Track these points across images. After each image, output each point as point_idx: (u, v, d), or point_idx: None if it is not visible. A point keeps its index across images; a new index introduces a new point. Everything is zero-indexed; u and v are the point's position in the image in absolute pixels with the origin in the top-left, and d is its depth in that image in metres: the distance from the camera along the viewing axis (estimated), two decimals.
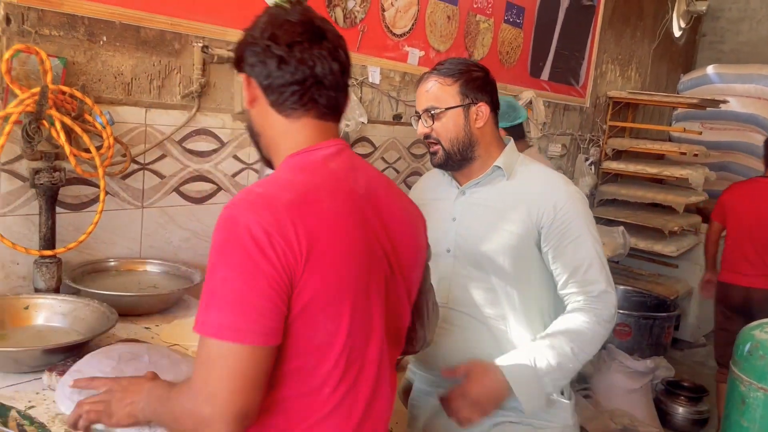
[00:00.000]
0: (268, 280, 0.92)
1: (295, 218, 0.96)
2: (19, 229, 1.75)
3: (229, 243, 0.93)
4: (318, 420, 1.03)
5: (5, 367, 1.36)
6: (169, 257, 2.11)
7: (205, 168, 2.22)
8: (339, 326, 1.01)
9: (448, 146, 1.57)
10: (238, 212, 0.95)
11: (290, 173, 1.05)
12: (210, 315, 0.92)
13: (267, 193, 0.98)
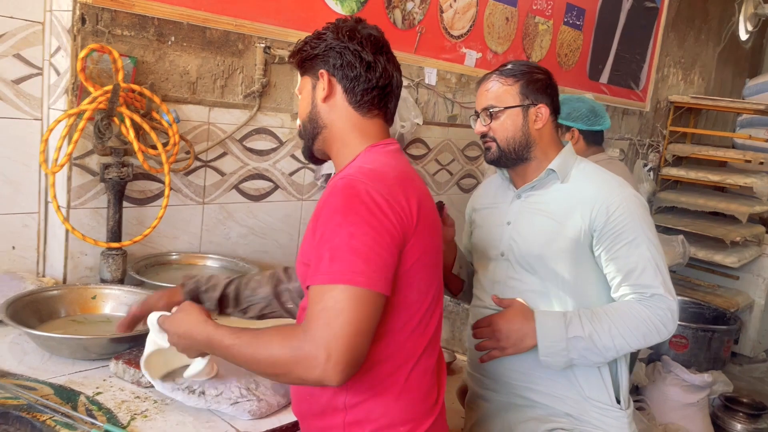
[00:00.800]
0: (392, 237, 1.05)
1: (402, 189, 1.11)
2: (88, 222, 1.82)
3: (353, 204, 1.05)
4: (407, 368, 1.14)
5: (74, 353, 1.42)
6: (227, 252, 2.16)
7: (263, 166, 2.27)
8: (431, 285, 1.16)
9: (504, 145, 1.58)
10: (357, 180, 1.08)
11: (381, 156, 1.18)
12: (340, 265, 1.01)
13: (375, 168, 1.13)
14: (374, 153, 1.19)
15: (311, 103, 1.24)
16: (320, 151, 1.27)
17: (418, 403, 1.16)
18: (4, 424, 1.21)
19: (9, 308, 1.43)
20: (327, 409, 1.14)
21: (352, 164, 1.17)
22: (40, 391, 1.28)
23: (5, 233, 1.79)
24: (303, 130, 1.28)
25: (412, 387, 1.15)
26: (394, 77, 1.23)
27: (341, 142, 1.22)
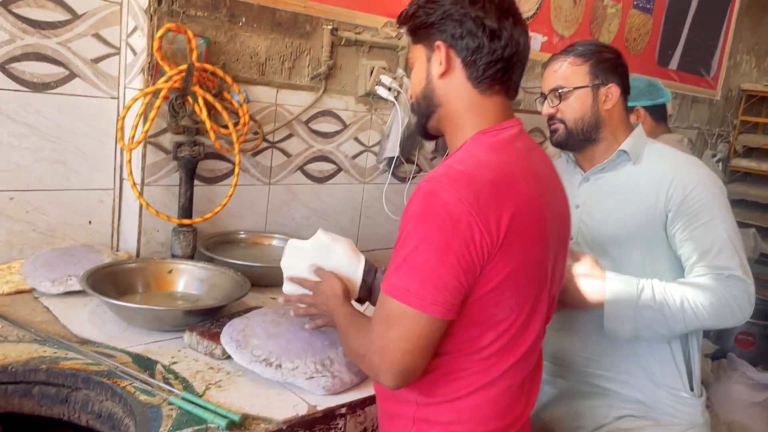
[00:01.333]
0: (458, 259, 0.95)
1: (495, 199, 0.98)
2: (161, 199, 1.87)
3: (427, 216, 0.97)
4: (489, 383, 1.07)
5: (150, 324, 1.46)
6: (291, 233, 2.18)
7: (327, 149, 2.28)
8: (515, 307, 1.04)
9: (572, 126, 1.54)
10: (440, 188, 0.97)
11: (485, 152, 1.04)
12: (398, 278, 0.98)
13: (468, 171, 0.99)
14: (479, 145, 1.06)
15: (425, 78, 1.11)
16: (434, 128, 1.16)
17: (498, 416, 1.08)
18: (85, 389, 1.26)
19: (89, 279, 1.48)
20: (401, 398, 1.11)
21: (449, 160, 1.05)
22: (119, 358, 1.32)
23: (82, 208, 1.86)
24: (416, 107, 1.16)
25: (491, 402, 1.07)
26: (521, 44, 1.07)
27: (455, 124, 1.11)
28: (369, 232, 2.48)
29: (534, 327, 1.09)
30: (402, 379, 0.99)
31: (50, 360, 1.27)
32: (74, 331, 1.42)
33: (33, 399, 1.27)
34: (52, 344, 1.33)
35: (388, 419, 1.16)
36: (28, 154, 1.73)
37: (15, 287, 1.58)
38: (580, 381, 1.59)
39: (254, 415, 1.18)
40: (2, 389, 1.25)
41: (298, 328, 1.36)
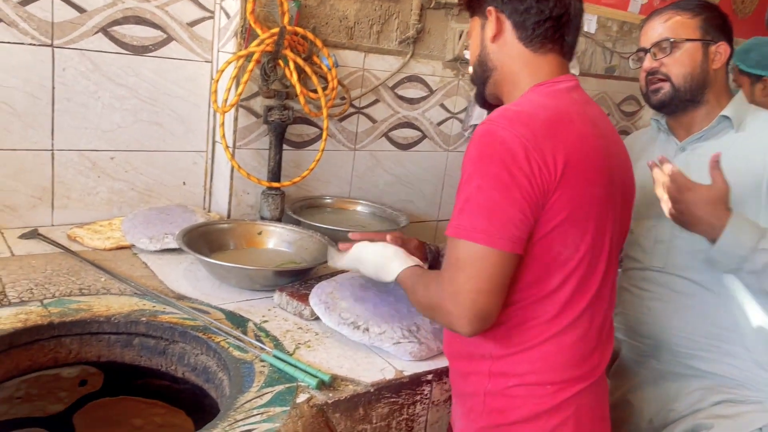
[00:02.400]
0: (521, 192, 0.96)
1: (551, 136, 0.99)
2: (251, 162, 1.90)
3: (486, 154, 0.98)
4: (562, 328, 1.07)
5: (242, 283, 1.50)
6: (374, 199, 2.19)
7: (412, 115, 2.25)
8: (579, 245, 1.04)
9: (679, 82, 1.44)
10: (495, 127, 0.99)
11: (540, 97, 1.07)
12: (463, 219, 0.99)
13: (523, 110, 1.02)
14: (535, 93, 1.09)
15: (480, 44, 1.17)
16: (492, 95, 1.19)
17: (571, 366, 1.08)
18: (182, 342, 1.31)
19: (185, 237, 1.53)
20: (474, 355, 1.12)
21: (503, 106, 1.08)
22: (213, 314, 1.36)
23: (177, 169, 1.92)
24: (474, 75, 1.21)
25: (564, 350, 1.07)
26: (571, 5, 1.11)
27: (511, 84, 1.14)
28: (452, 200, 2.42)
29: (599, 268, 1.09)
30: (478, 322, 0.98)
31: (149, 313, 1.32)
32: (171, 287, 1.47)
33: (133, 349, 1.33)
34: (151, 298, 1.39)
35: (462, 378, 1.16)
36: (128, 115, 1.79)
37: (116, 243, 1.65)
38: (675, 362, 1.52)
39: (342, 376, 1.20)
40: (105, 339, 1.31)
41: (385, 294, 1.36)
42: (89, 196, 1.79)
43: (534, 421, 1.07)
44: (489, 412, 1.10)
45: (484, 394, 1.10)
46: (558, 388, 1.07)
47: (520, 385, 1.07)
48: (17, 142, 1.65)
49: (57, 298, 1.33)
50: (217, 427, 0.99)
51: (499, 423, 1.09)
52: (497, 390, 1.09)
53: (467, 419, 1.14)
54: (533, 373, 1.07)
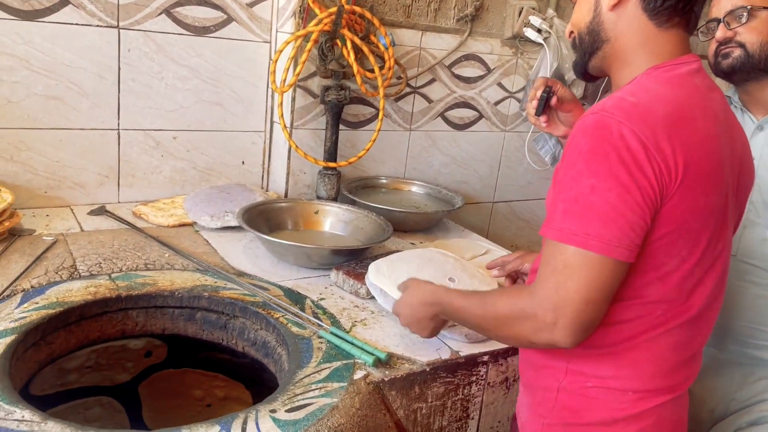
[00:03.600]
0: (642, 196, 0.87)
1: (672, 134, 0.89)
2: (307, 142, 1.92)
3: (601, 150, 0.88)
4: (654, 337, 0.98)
5: (299, 261, 1.53)
6: (428, 180, 2.18)
7: (469, 94, 2.22)
8: (693, 252, 0.95)
9: (755, 50, 1.37)
10: (611, 120, 0.88)
11: (658, 86, 0.95)
12: (572, 222, 0.89)
13: (642, 103, 0.91)
14: (652, 79, 0.96)
15: (593, 10, 1.02)
16: (597, 68, 1.06)
17: (661, 375, 0.99)
18: (242, 317, 1.34)
19: (244, 215, 1.57)
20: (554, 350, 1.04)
21: (619, 92, 0.95)
22: (272, 291, 1.39)
23: (237, 149, 1.96)
24: (578, 43, 1.07)
25: (656, 358, 0.98)
26: None
27: (623, 61, 1.01)
28: (508, 182, 2.42)
29: (707, 283, 0.99)
30: (583, 334, 0.90)
31: (211, 288, 1.36)
32: (231, 263, 1.51)
33: (196, 323, 1.37)
34: (213, 274, 1.43)
35: (534, 370, 1.10)
36: (190, 95, 1.83)
37: (178, 220, 1.70)
38: (740, 352, 1.47)
39: (398, 355, 1.21)
40: (169, 313, 1.36)
41: (441, 275, 1.36)
42: (153, 174, 1.85)
43: (608, 426, 1.00)
44: (560, 409, 1.03)
45: (557, 390, 1.03)
46: (641, 396, 0.99)
47: (599, 387, 1.00)
48: (85, 121, 1.71)
49: (124, 272, 1.38)
50: (277, 400, 1.01)
51: (569, 422, 1.02)
52: (573, 388, 1.01)
53: (535, 413, 1.08)
54: (617, 378, 0.99)
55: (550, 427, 1.04)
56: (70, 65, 1.65)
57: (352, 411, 1.03)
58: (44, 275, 1.32)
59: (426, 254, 1.44)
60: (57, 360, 1.27)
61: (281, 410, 0.98)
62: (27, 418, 0.89)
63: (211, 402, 1.50)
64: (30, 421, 0.89)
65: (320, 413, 0.99)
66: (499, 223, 2.47)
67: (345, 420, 1.00)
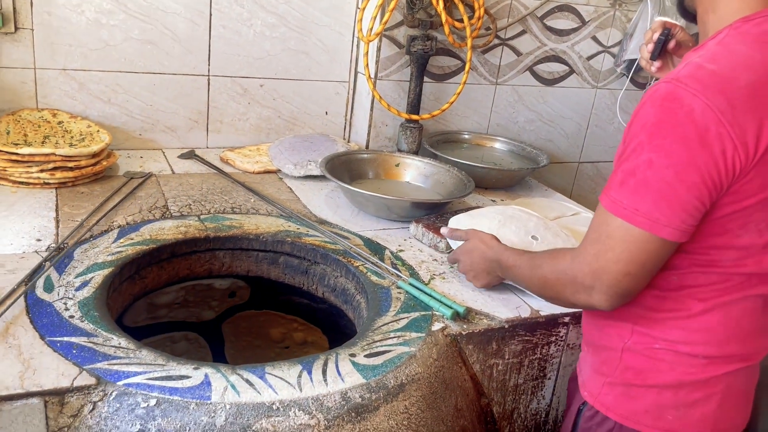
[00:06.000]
0: (702, 176, 0.82)
1: (755, 107, 0.81)
2: (390, 94, 1.90)
3: (667, 123, 0.82)
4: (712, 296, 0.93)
5: (379, 212, 1.53)
6: (512, 136, 2.12)
7: (560, 48, 2.12)
8: (763, 232, 0.89)
9: None
10: (684, 91, 0.82)
11: (745, 46, 0.86)
12: (624, 194, 0.86)
13: (722, 71, 0.83)
14: (738, 36, 0.87)
15: None
16: (691, 6, 0.99)
17: (735, 341, 0.95)
18: (323, 264, 1.36)
19: (327, 164, 1.58)
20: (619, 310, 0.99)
21: (697, 56, 0.87)
22: (352, 240, 1.40)
23: (321, 99, 1.96)
24: None
25: (730, 322, 0.94)
26: None
27: (711, 5, 0.92)
28: (596, 141, 2.32)
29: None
30: (621, 300, 0.91)
31: (294, 234, 1.39)
32: (313, 211, 1.53)
33: (278, 267, 1.41)
34: (296, 221, 1.45)
35: (597, 329, 1.06)
36: (277, 43, 1.84)
37: (263, 167, 1.73)
38: None
39: (476, 310, 1.19)
40: (254, 255, 1.40)
41: (524, 233, 1.33)
42: (239, 121, 1.88)
43: (674, 389, 0.96)
44: (624, 369, 0.99)
45: (621, 350, 1.00)
46: (711, 362, 0.95)
47: (667, 350, 0.96)
48: (178, 67, 1.75)
49: (212, 214, 1.43)
50: (357, 345, 1.03)
51: (632, 383, 0.99)
52: (638, 349, 0.98)
53: (597, 372, 1.04)
54: (688, 343, 0.95)
55: (612, 386, 1.01)
56: (165, 10, 1.69)
57: (430, 361, 1.03)
58: (138, 213, 1.38)
59: (508, 211, 1.41)
60: (149, 294, 1.34)
61: (360, 355, 1.00)
62: (123, 345, 0.95)
63: (289, 345, 1.55)
64: (126, 348, 0.94)
65: (398, 360, 1.00)
66: (584, 185, 2.39)
67: (422, 369, 1.00)
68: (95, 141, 1.55)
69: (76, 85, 1.66)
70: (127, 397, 0.84)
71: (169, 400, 0.84)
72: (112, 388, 0.85)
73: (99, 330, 0.97)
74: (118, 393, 0.84)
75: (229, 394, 0.87)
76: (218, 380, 0.89)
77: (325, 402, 0.89)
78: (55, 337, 0.93)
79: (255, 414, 0.85)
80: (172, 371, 0.90)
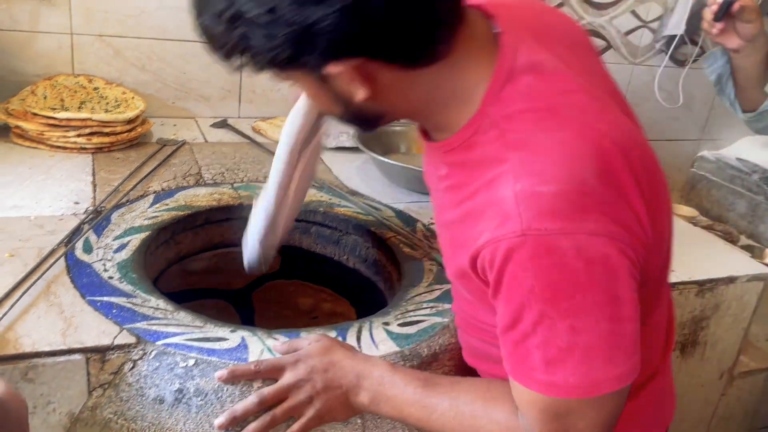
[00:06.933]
0: (633, 300, 0.66)
1: (621, 196, 0.66)
2: None
3: (561, 280, 0.64)
4: None
5: (410, 184, 1.52)
6: None
7: (598, 22, 2.08)
8: (658, 299, 0.85)
9: None
10: (556, 239, 0.63)
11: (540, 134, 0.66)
12: (569, 375, 0.66)
13: (566, 187, 0.63)
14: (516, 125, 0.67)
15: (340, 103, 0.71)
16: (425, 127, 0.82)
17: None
18: (355, 234, 1.36)
19: (360, 136, 1.57)
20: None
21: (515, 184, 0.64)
22: (384, 212, 1.40)
23: None
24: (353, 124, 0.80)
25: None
26: None
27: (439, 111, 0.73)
28: None
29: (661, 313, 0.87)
30: None
31: (326, 205, 1.39)
32: (345, 183, 1.53)
33: (310, 237, 1.41)
34: (328, 191, 1.45)
35: None
36: None
37: None
38: None
39: None
40: None
41: None
42: (272, 92, 1.88)
43: None
44: None
45: None
46: None
47: None
48: None
49: (245, 183, 1.43)
50: (390, 314, 1.03)
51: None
52: None
53: None
54: None
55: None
56: None
57: None
58: (173, 180, 1.39)
59: None
60: (183, 260, 1.35)
61: (394, 324, 1.00)
62: (161, 306, 0.96)
63: (317, 315, 1.56)
64: (164, 309, 0.95)
65: (432, 330, 1.00)
66: None
67: (455, 340, 1.00)
68: (130, 108, 1.56)
69: (111, 51, 1.67)
70: (166, 357, 0.85)
71: (207, 361, 0.85)
72: (151, 347, 0.86)
73: (138, 291, 0.98)
74: (158, 352, 0.86)
75: (266, 356, 0.88)
76: (255, 343, 0.90)
77: None
78: (96, 297, 0.95)
79: None
80: (210, 333, 0.91)
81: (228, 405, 0.82)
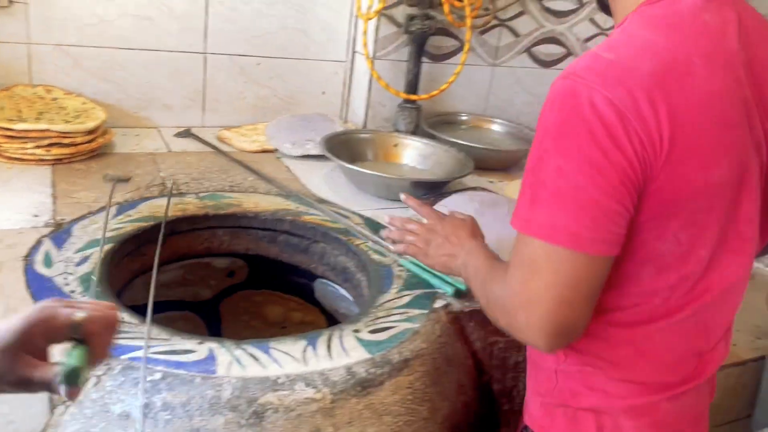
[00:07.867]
0: (618, 175, 0.71)
1: (657, 96, 0.71)
2: (388, 74, 1.88)
3: (568, 124, 0.72)
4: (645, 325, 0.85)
5: (379, 191, 1.52)
6: (510, 118, 2.11)
7: (558, 29, 2.12)
8: (697, 240, 0.79)
9: None
10: (581, 85, 0.72)
11: (648, 31, 0.76)
12: (538, 212, 0.74)
13: (620, 60, 0.73)
14: (643, 20, 0.78)
15: None
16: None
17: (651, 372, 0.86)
18: (323, 242, 1.36)
19: (327, 144, 1.57)
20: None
21: (597, 47, 0.77)
22: (352, 219, 1.39)
23: (318, 78, 1.95)
24: None
25: (649, 352, 0.85)
26: None
27: None
28: None
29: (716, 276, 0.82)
30: (559, 338, 0.75)
31: (294, 213, 1.38)
32: (312, 191, 1.52)
33: (277, 246, 1.40)
34: (295, 200, 1.44)
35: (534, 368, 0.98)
36: (275, 21, 1.82)
37: (261, 146, 1.72)
38: None
39: None
40: (254, 234, 1.39)
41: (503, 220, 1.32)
42: (236, 100, 1.86)
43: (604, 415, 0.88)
44: (560, 390, 0.91)
45: (556, 371, 0.92)
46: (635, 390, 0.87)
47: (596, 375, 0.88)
48: (174, 44, 1.73)
49: (210, 192, 1.41)
50: (360, 321, 1.03)
51: (568, 404, 0.91)
52: (571, 371, 0.90)
53: (535, 391, 0.97)
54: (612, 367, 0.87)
55: (548, 406, 0.94)
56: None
57: (433, 337, 1.04)
58: (136, 191, 1.37)
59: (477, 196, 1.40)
60: (148, 272, 1.32)
61: (364, 331, 1.00)
62: (126, 320, 0.94)
63: (286, 325, 1.55)
64: (129, 322, 0.93)
65: (403, 336, 1.00)
66: None
67: (426, 345, 1.00)
68: (91, 118, 1.53)
69: (70, 61, 1.63)
70: (131, 371, 0.83)
71: (174, 374, 0.84)
72: (116, 362, 0.84)
73: None
74: (123, 367, 0.84)
75: (234, 368, 0.87)
76: (223, 354, 0.89)
77: (330, 376, 0.89)
78: None
79: (261, 387, 0.85)
80: (177, 345, 0.90)
81: (197, 418, 0.81)
